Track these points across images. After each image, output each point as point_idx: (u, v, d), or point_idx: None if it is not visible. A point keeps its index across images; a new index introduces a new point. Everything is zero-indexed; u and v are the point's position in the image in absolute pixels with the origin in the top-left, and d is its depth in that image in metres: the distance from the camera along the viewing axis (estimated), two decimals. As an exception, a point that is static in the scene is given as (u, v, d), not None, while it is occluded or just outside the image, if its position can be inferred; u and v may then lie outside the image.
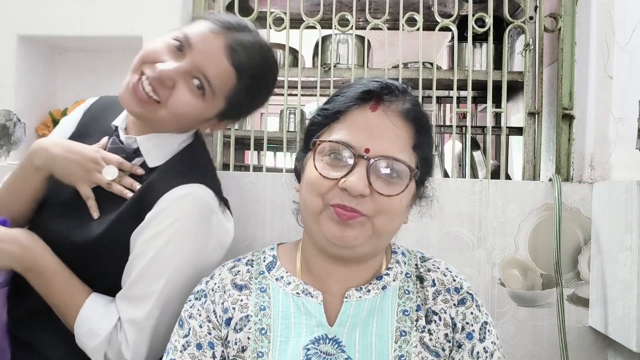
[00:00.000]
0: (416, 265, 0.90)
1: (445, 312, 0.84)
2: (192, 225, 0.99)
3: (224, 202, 1.11)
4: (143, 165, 1.06)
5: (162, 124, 1.04)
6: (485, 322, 0.86)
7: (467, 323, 0.84)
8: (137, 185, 1.02)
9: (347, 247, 0.78)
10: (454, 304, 0.85)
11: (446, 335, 0.83)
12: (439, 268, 0.90)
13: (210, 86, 1.00)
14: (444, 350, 0.82)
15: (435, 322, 0.83)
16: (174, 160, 1.06)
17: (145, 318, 0.95)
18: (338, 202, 0.75)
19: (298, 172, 0.88)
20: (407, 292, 0.85)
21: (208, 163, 1.17)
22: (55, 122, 1.82)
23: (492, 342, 0.85)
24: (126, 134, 1.09)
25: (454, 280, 0.88)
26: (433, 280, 0.87)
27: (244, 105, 1.11)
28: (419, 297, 0.85)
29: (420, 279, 0.87)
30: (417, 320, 0.83)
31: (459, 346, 0.83)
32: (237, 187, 1.59)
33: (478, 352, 0.83)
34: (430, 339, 0.82)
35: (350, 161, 0.75)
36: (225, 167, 1.73)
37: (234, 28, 1.03)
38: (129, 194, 1.01)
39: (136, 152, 1.07)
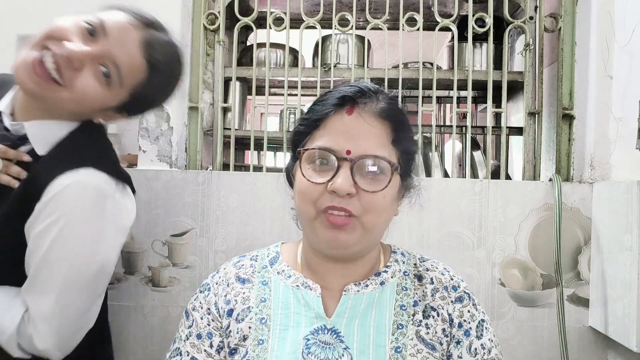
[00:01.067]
0: (415, 264, 0.94)
1: (442, 308, 0.87)
2: (83, 214, 0.96)
3: (123, 180, 1.09)
4: (32, 153, 1.01)
5: (58, 108, 0.99)
6: (482, 320, 0.89)
7: (465, 320, 0.87)
8: (24, 174, 0.98)
9: (342, 248, 0.82)
10: (452, 301, 0.88)
11: (444, 330, 0.86)
12: (437, 268, 0.94)
13: (119, 76, 0.98)
14: (441, 344, 0.85)
15: (433, 317, 0.86)
16: (59, 147, 1.02)
17: (51, 309, 0.96)
18: (329, 204, 0.79)
19: (290, 180, 0.92)
20: (404, 288, 0.89)
21: (99, 143, 1.11)
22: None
23: (489, 339, 0.88)
24: (13, 119, 1.02)
25: (452, 279, 0.91)
26: (431, 279, 0.91)
27: (147, 100, 1.10)
28: (417, 293, 0.88)
29: (419, 277, 0.91)
30: (413, 315, 0.86)
31: (457, 342, 0.86)
32: (237, 187, 1.59)
33: (476, 349, 0.86)
34: (427, 333, 0.85)
35: (335, 164, 0.80)
36: (225, 167, 1.74)
37: (152, 25, 1.04)
38: (16, 184, 0.98)
39: (23, 139, 1.01)
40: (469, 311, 0.88)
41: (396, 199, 0.87)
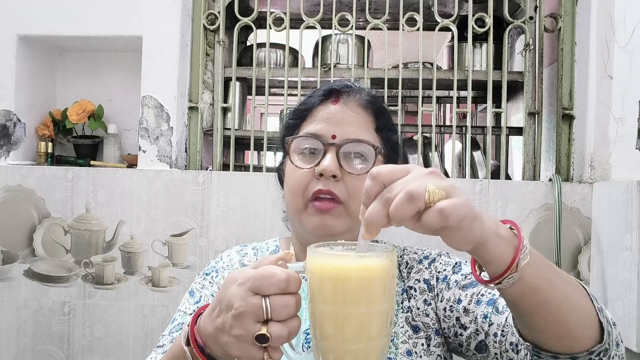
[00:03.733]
0: (400, 255, 0.95)
1: (419, 282, 0.88)
2: None
3: None
4: None
5: None
6: (457, 262, 0.88)
7: (439, 272, 0.87)
8: None
9: (329, 234, 0.83)
10: (425, 268, 0.89)
11: (425, 300, 0.86)
12: (411, 249, 0.95)
13: None
14: (427, 315, 0.84)
15: (413, 297, 0.86)
16: None
17: None
18: (316, 189, 0.81)
19: (282, 180, 0.93)
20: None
21: None
22: (55, 122, 1.82)
23: (465, 265, 0.87)
24: None
25: (423, 252, 0.93)
26: (406, 262, 0.92)
27: None
28: (404, 282, 0.89)
29: (400, 264, 0.92)
30: (402, 302, 0.86)
31: (447, 286, 0.84)
32: (237, 187, 1.59)
33: (457, 280, 0.84)
34: (414, 314, 0.85)
35: (321, 150, 0.83)
36: (225, 167, 1.73)
37: None
38: None
39: None
40: (441, 263, 0.88)
41: None
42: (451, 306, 0.81)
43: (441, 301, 0.83)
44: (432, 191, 0.49)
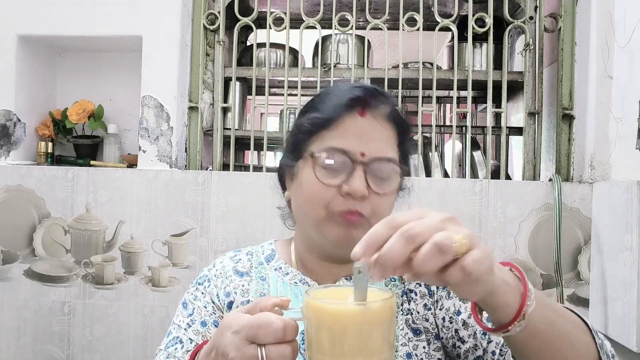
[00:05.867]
0: None
1: (420, 285, 0.87)
2: None
3: None
4: None
5: None
6: None
7: None
8: None
9: (352, 245, 0.80)
10: None
11: (425, 305, 0.85)
12: None
13: None
14: (427, 320, 0.84)
15: (413, 300, 0.86)
16: None
17: None
18: (343, 208, 0.78)
19: (283, 179, 0.90)
20: (392, 279, 0.90)
21: None
22: (55, 122, 1.82)
23: None
24: None
25: None
26: None
27: None
28: (404, 284, 0.89)
29: None
30: (402, 305, 0.86)
31: (448, 295, 0.85)
32: (237, 187, 1.59)
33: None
34: (414, 317, 0.85)
35: (348, 166, 0.79)
36: (225, 167, 1.73)
37: None
38: None
39: None
40: None
41: (393, 200, 0.88)
42: (450, 317, 0.81)
43: (440, 309, 0.83)
44: (459, 242, 0.47)
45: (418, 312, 0.84)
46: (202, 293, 0.89)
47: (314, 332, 0.55)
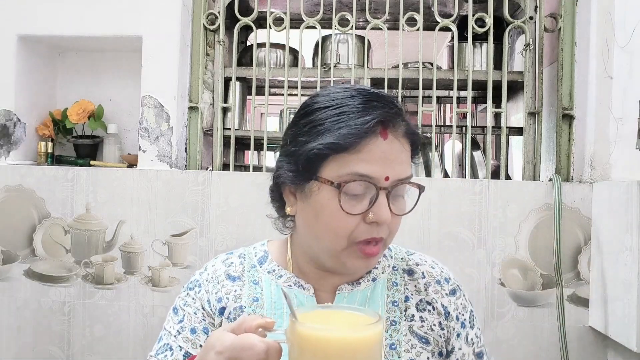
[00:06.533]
0: (402, 258, 0.94)
1: (437, 302, 0.88)
2: None
3: None
4: None
5: None
6: (472, 311, 0.92)
7: (460, 313, 0.89)
8: None
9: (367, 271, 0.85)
10: (446, 294, 0.89)
11: (440, 323, 0.86)
12: (426, 261, 0.94)
13: None
14: (437, 337, 0.86)
15: (428, 310, 0.87)
16: None
17: None
18: (367, 237, 0.77)
19: (280, 195, 0.85)
20: (395, 284, 0.89)
21: None
22: (55, 122, 1.82)
23: (478, 328, 0.91)
24: None
25: (442, 272, 0.92)
26: (423, 273, 0.91)
27: None
28: (407, 288, 0.88)
29: (409, 271, 0.91)
30: (405, 310, 0.86)
31: (458, 335, 0.87)
32: (237, 187, 1.59)
33: (472, 339, 0.89)
34: (422, 327, 0.85)
35: (372, 192, 0.76)
36: (225, 167, 1.73)
37: None
38: None
39: None
40: (461, 303, 0.89)
41: None
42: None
43: (450, 342, 0.87)
44: None
45: (430, 325, 0.85)
46: (193, 299, 0.88)
47: (297, 356, 0.54)
